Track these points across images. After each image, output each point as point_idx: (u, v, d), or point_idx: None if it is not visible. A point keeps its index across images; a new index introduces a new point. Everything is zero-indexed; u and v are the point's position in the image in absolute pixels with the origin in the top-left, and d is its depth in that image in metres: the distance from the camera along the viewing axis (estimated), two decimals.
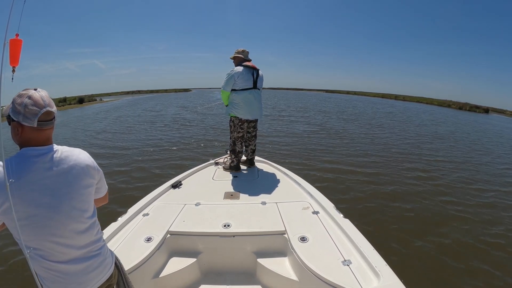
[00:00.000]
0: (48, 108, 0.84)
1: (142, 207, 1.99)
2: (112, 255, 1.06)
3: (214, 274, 1.69)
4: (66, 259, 0.86)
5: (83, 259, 0.90)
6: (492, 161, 7.04)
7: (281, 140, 8.00)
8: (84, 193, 0.91)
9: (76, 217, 0.88)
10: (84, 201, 0.91)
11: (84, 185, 0.91)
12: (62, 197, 0.84)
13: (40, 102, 0.83)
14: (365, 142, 8.25)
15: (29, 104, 0.81)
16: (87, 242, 0.92)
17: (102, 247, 0.99)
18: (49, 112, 0.85)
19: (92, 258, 0.93)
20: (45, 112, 0.83)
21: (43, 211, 0.81)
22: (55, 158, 0.86)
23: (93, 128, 10.71)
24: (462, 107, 32.70)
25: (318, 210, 1.89)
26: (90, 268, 0.92)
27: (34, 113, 0.81)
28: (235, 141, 2.86)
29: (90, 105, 27.69)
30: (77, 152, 0.94)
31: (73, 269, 0.88)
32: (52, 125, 0.88)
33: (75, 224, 0.87)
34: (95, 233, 0.95)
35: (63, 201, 0.84)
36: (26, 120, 0.81)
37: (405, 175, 5.29)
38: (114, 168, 5.30)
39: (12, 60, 0.84)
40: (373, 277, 1.23)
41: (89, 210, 0.94)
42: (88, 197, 0.93)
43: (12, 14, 0.79)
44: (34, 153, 0.83)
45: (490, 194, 4.60)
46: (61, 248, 0.85)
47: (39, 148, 0.84)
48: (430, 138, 9.67)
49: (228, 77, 2.67)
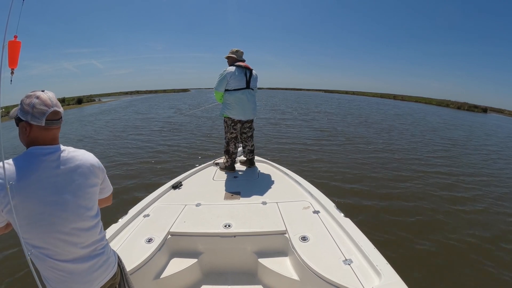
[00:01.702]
0: (56, 108, 0.87)
1: (142, 208, 1.99)
2: (115, 254, 1.07)
3: (215, 274, 1.69)
4: (71, 257, 0.87)
5: (87, 258, 0.91)
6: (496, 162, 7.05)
7: (287, 141, 7.90)
8: (90, 192, 0.93)
9: (81, 215, 0.89)
10: (89, 199, 0.92)
11: (90, 184, 0.93)
12: (68, 195, 0.86)
13: (48, 102, 0.86)
14: (365, 143, 8.26)
15: (37, 104, 0.84)
16: (91, 241, 0.93)
17: (106, 246, 1.00)
18: (57, 111, 0.88)
19: (97, 257, 0.94)
20: (52, 112, 0.86)
21: (50, 209, 0.82)
22: (62, 157, 0.88)
23: (81, 133, 9.96)
24: (460, 107, 32.70)
25: (318, 209, 1.89)
26: (95, 267, 0.93)
27: (42, 112, 0.84)
28: (229, 141, 2.87)
29: (89, 105, 27.62)
30: (82, 152, 0.96)
31: (78, 268, 0.89)
32: (59, 125, 0.90)
33: (81, 222, 0.89)
34: (99, 232, 0.96)
35: (69, 199, 0.86)
36: (34, 119, 0.83)
37: (406, 174, 5.30)
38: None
39: (11, 62, 0.84)
40: (374, 276, 1.23)
41: (94, 208, 0.95)
42: (93, 196, 0.95)
43: (10, 15, 0.79)
44: (42, 152, 0.85)
45: (494, 195, 4.59)
46: (67, 246, 0.86)
47: (47, 147, 0.86)
48: (445, 142, 8.76)
49: (221, 77, 2.66)
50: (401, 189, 4.51)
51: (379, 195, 4.20)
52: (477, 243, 3.06)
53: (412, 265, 2.61)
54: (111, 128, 10.76)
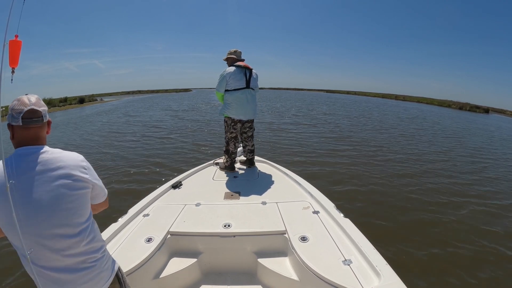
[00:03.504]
0: (33, 106, 0.88)
1: (142, 208, 1.99)
2: (113, 267, 1.02)
3: (214, 274, 1.69)
4: (53, 265, 0.83)
5: (74, 269, 0.87)
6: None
7: (292, 142, 7.79)
8: (73, 195, 0.87)
9: (63, 219, 0.84)
10: (72, 203, 0.87)
11: (73, 187, 0.87)
12: (46, 196, 0.82)
13: (26, 101, 0.87)
14: (367, 142, 8.25)
15: (16, 105, 0.87)
16: (79, 250, 0.87)
17: (98, 260, 0.94)
18: (34, 110, 0.88)
19: (85, 270, 0.89)
20: (29, 110, 0.87)
21: (24, 210, 0.79)
22: (42, 158, 0.86)
23: (80, 133, 9.97)
24: (462, 107, 32.58)
25: (318, 209, 1.89)
26: (83, 279, 0.89)
27: (19, 111, 0.86)
28: (229, 141, 2.87)
29: (91, 105, 27.71)
30: (67, 154, 0.92)
31: (62, 278, 0.85)
32: (38, 124, 0.89)
33: (63, 228, 0.84)
34: (88, 242, 0.90)
35: (46, 201, 0.82)
36: (14, 119, 0.86)
37: (406, 174, 5.29)
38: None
39: (12, 61, 0.84)
40: (374, 276, 1.23)
41: (80, 214, 0.89)
42: (77, 199, 0.88)
43: (11, 15, 0.79)
44: (24, 152, 0.85)
45: (498, 196, 4.58)
46: (47, 251, 0.82)
47: (29, 148, 0.87)
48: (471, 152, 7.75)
49: (221, 78, 2.68)
50: (402, 189, 4.50)
51: (380, 196, 4.20)
52: (478, 244, 3.04)
53: (412, 265, 2.60)
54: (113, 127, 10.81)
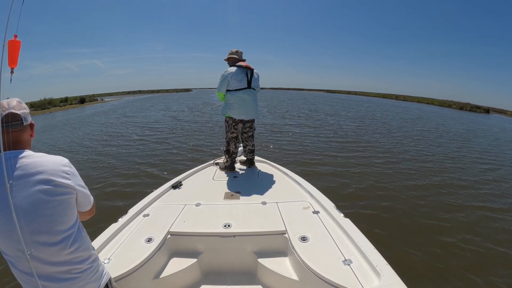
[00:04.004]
0: (12, 110, 0.88)
1: (142, 208, 1.99)
2: (101, 280, 0.99)
3: (214, 274, 1.69)
4: (36, 272, 0.81)
5: (57, 278, 0.85)
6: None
7: (294, 142, 7.76)
8: (53, 201, 0.85)
9: (43, 226, 0.83)
10: (52, 209, 0.84)
11: (52, 193, 0.85)
12: (23, 202, 0.81)
13: (5, 106, 0.88)
14: (367, 142, 8.24)
15: None
16: (62, 259, 0.86)
17: (84, 271, 0.91)
18: (13, 114, 0.88)
19: (67, 281, 0.87)
20: (7, 114, 0.87)
21: (6, 218, 0.77)
22: (21, 163, 0.84)
23: (80, 132, 10.25)
24: (463, 107, 32.51)
25: (318, 209, 1.88)
26: None
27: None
28: (229, 141, 2.87)
29: (91, 105, 27.77)
30: (49, 158, 0.90)
31: (45, 285, 0.83)
32: (18, 127, 0.89)
33: (43, 235, 0.83)
34: (73, 251, 0.88)
35: (26, 207, 0.81)
36: None
37: (406, 174, 5.29)
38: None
39: (11, 61, 0.84)
40: (374, 276, 1.23)
41: (62, 221, 0.87)
42: (58, 206, 0.86)
43: (10, 15, 0.79)
44: (7, 157, 0.83)
45: (498, 195, 4.58)
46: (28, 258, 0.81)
47: (10, 152, 0.85)
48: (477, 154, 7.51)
49: (222, 78, 2.68)
50: (402, 189, 4.50)
51: (380, 196, 4.20)
52: (479, 244, 3.04)
53: (412, 265, 2.60)
54: (113, 127, 10.84)
